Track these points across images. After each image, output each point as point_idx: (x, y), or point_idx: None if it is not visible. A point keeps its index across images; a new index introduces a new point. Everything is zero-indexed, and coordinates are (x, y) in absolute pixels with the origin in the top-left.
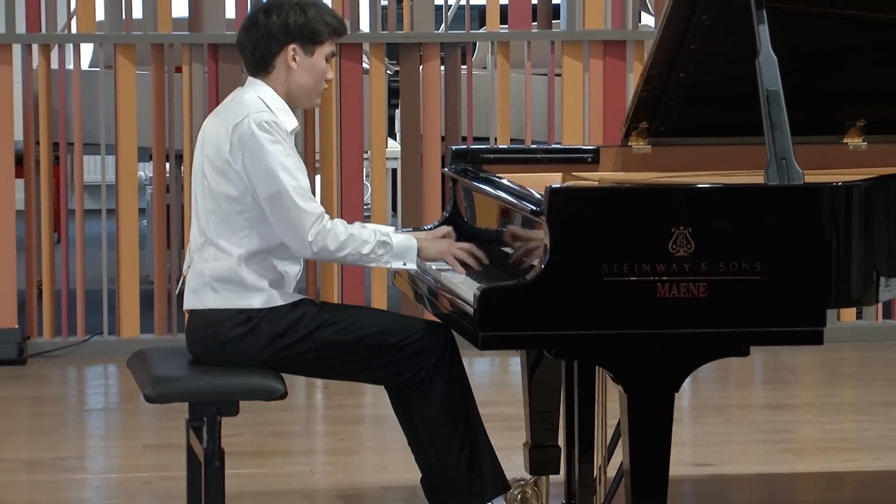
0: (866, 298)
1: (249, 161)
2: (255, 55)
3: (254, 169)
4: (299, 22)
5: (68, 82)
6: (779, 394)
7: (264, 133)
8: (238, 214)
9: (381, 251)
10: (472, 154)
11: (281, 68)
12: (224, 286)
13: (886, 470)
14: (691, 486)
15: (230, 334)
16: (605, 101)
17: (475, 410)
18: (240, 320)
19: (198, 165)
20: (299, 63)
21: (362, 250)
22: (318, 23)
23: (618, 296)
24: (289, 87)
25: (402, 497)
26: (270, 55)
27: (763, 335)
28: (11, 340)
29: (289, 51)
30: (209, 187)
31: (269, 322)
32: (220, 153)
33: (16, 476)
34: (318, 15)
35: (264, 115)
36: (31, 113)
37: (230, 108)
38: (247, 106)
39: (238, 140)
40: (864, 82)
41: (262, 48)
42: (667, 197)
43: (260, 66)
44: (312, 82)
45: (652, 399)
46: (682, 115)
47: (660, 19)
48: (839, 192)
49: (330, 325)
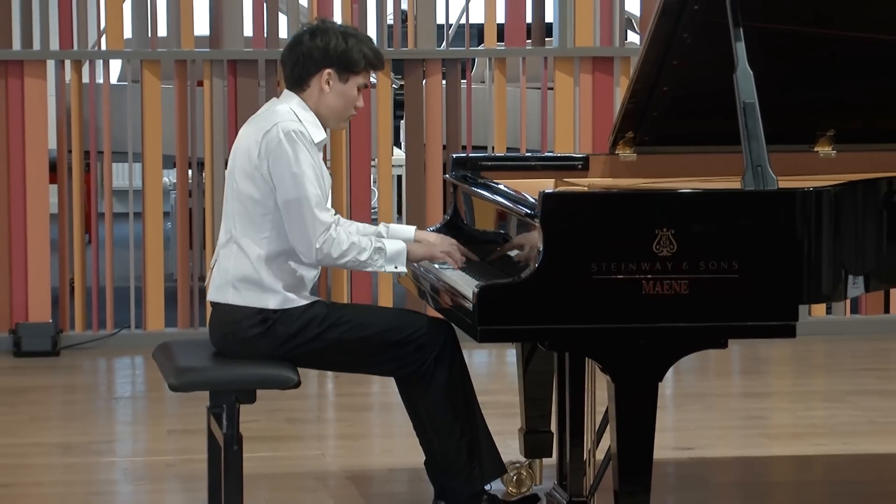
0: (835, 295)
1: (274, 166)
2: (293, 72)
3: (277, 174)
4: (339, 49)
5: (98, 95)
6: (754, 383)
7: (290, 141)
8: (262, 216)
9: (376, 256)
10: (471, 161)
11: (315, 88)
12: (244, 285)
13: (853, 454)
14: (674, 469)
15: (248, 333)
16: (594, 113)
17: (474, 399)
18: (257, 320)
19: (230, 168)
20: (332, 87)
21: (360, 257)
22: (357, 53)
23: (606, 292)
24: (318, 107)
25: (406, 478)
26: (307, 74)
27: (740, 329)
28: (46, 334)
29: (324, 74)
30: (237, 189)
31: (283, 323)
32: (249, 158)
33: (50, 459)
34: (358, 46)
35: (293, 124)
36: (64, 123)
37: (263, 117)
38: (278, 115)
39: (266, 146)
40: (833, 95)
41: (301, 67)
42: (651, 201)
43: (296, 83)
44: (341, 107)
45: (637, 388)
46: (666, 126)
47: (644, 37)
48: (810, 197)
49: (339, 325)
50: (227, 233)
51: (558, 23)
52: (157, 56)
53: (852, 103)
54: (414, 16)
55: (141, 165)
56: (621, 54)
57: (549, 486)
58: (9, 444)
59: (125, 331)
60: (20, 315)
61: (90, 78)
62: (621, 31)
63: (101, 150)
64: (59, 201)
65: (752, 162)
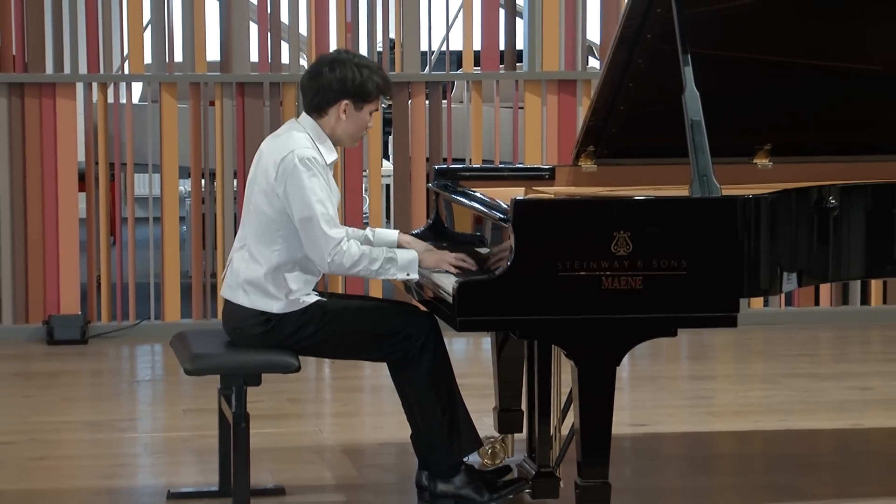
0: (772, 289)
1: (290, 188)
2: (314, 100)
3: (292, 195)
4: (356, 82)
5: (122, 114)
6: (700, 367)
7: (304, 168)
8: (274, 231)
9: (388, 265)
10: (451, 172)
11: (332, 115)
12: (252, 289)
13: (788, 429)
14: (630, 443)
15: (253, 331)
16: (559, 129)
17: (454, 381)
18: (260, 321)
19: (251, 180)
20: (348, 116)
21: (372, 267)
22: (371, 84)
23: (570, 288)
24: (335, 131)
25: (394, 452)
26: (326, 104)
27: (688, 319)
28: (75, 324)
29: (342, 105)
30: (254, 203)
31: (284, 324)
32: (267, 178)
33: (79, 435)
34: (371, 77)
35: (307, 151)
36: (92, 139)
37: (283, 140)
38: (295, 142)
39: (283, 171)
40: (770, 113)
41: (321, 97)
42: (609, 207)
43: (315, 109)
44: (355, 131)
45: (598, 371)
46: (623, 141)
47: (604, 63)
48: (750, 204)
49: (335, 320)
50: (242, 240)
51: (528, 50)
52: (173, 79)
53: (786, 120)
54: (401, 44)
55: (160, 176)
56: (583, 77)
57: (520, 458)
58: (43, 421)
59: (146, 322)
60: (53, 308)
61: (115, 98)
62: (583, 58)
63: (124, 162)
64: (87, 207)
65: (698, 172)
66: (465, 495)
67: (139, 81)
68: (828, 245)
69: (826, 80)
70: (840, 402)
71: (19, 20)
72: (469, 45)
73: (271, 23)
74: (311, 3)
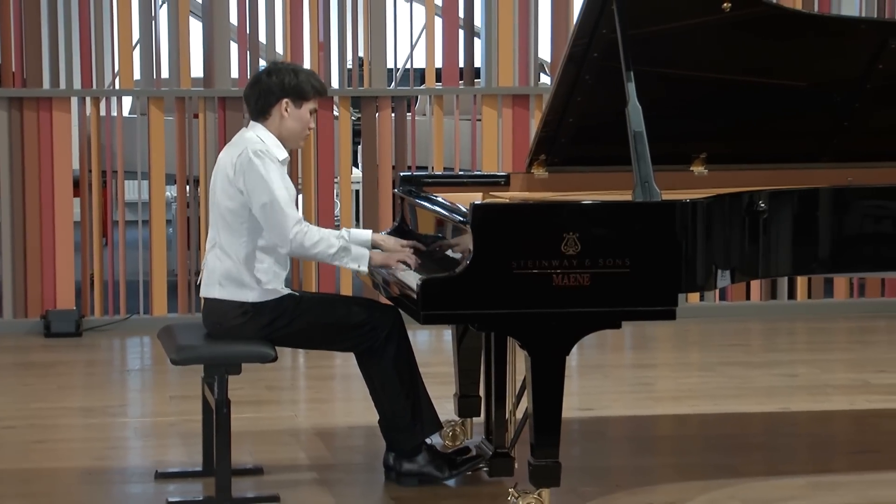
0: (707, 285)
1: (247, 178)
2: (257, 104)
3: (250, 184)
4: (293, 83)
5: (113, 126)
6: (643, 356)
7: (258, 158)
8: (239, 224)
9: (342, 254)
10: (415, 179)
11: (276, 116)
12: (227, 282)
13: (722, 412)
14: (578, 426)
15: (232, 323)
16: (513, 140)
17: (417, 369)
18: (238, 312)
19: (212, 187)
20: (290, 113)
21: (329, 251)
22: (307, 84)
23: (523, 284)
24: (280, 131)
25: (363, 434)
26: (269, 105)
27: (631, 313)
28: (71, 318)
29: (283, 104)
30: (218, 204)
31: (261, 314)
32: (227, 177)
33: (73, 420)
34: (307, 78)
35: (259, 145)
36: (85, 148)
37: (235, 144)
38: (247, 140)
39: (240, 166)
40: (706, 124)
41: (263, 100)
42: (560, 210)
43: (260, 113)
44: (298, 129)
45: (549, 361)
46: (572, 150)
47: (554, 79)
48: (687, 207)
49: (307, 313)
50: (212, 240)
51: (485, 67)
52: (160, 94)
53: (721, 131)
54: (369, 61)
55: (148, 182)
56: (535, 93)
57: (478, 439)
58: (40, 407)
59: (135, 316)
60: (49, 303)
61: (106, 111)
62: (536, 74)
63: (115, 169)
64: (82, 211)
65: (640, 179)
66: (427, 472)
67: (129, 96)
68: (758, 245)
69: (756, 95)
70: (769, 388)
71: (18, 39)
72: (431, 62)
73: (250, 42)
74: (286, 24)
